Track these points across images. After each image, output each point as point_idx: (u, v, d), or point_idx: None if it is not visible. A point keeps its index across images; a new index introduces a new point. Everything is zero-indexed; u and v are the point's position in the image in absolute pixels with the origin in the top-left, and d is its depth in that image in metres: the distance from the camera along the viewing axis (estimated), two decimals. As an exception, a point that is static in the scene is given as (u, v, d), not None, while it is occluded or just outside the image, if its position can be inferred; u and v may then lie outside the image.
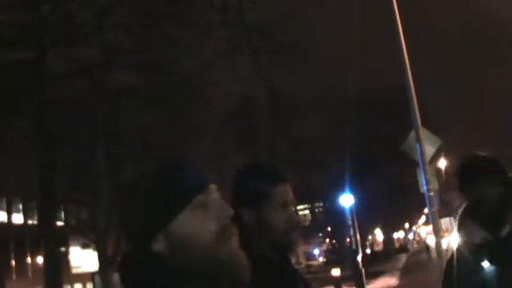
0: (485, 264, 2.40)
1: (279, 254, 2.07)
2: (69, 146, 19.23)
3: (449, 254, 2.72)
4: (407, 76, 12.52)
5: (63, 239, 33.26)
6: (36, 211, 28.72)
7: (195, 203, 1.30)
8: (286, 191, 2.11)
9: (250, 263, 1.32)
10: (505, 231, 2.42)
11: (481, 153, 2.58)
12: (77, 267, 40.81)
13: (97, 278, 16.15)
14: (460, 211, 2.64)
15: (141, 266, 1.30)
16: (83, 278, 39.30)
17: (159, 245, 1.30)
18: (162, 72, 18.50)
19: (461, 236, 2.54)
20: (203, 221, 1.29)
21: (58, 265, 17.82)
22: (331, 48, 71.47)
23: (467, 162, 2.57)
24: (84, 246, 37.63)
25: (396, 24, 12.65)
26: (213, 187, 1.35)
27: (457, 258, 2.54)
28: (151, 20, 17.82)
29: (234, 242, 1.31)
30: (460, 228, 2.57)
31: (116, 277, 14.87)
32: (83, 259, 40.35)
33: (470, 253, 2.45)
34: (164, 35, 17.84)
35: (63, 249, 34.47)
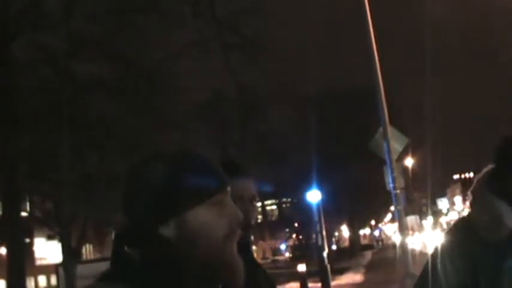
0: None
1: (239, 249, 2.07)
2: (33, 135, 18.93)
3: (416, 252, 2.42)
4: (377, 74, 12.60)
5: (28, 230, 32.82)
6: (-1, 201, 28.21)
7: (214, 200, 1.30)
8: (242, 186, 2.10)
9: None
10: None
11: None
12: (41, 259, 40.34)
13: (60, 270, 15.91)
14: (483, 187, 2.24)
15: (145, 246, 1.25)
16: (47, 269, 38.81)
17: (168, 230, 1.26)
18: (130, 63, 18.33)
19: (489, 217, 2.15)
20: (217, 219, 1.29)
21: (22, 256, 17.56)
22: (301, 45, 71.81)
23: None
24: (49, 237, 37.22)
25: (366, 23, 12.71)
26: (229, 189, 1.35)
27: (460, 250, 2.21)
28: (120, 10, 17.64)
29: (235, 247, 1.31)
30: (487, 206, 2.18)
31: (79, 269, 14.68)
32: (48, 251, 39.88)
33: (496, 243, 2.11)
34: (133, 26, 17.68)
35: (27, 240, 34.02)
